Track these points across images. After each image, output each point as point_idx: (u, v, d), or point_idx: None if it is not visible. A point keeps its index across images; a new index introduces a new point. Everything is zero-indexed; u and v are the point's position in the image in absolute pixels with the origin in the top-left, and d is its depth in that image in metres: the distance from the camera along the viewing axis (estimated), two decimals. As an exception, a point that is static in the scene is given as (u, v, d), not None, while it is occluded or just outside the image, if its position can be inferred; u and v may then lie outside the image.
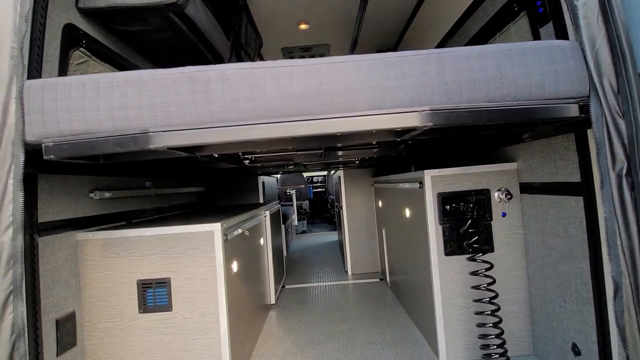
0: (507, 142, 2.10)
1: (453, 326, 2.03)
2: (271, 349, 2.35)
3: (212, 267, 1.80)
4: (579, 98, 1.20)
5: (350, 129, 1.10)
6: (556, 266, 1.77)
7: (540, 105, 1.17)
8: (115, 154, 1.44)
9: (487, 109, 1.13)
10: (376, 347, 2.27)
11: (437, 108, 1.11)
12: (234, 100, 1.17)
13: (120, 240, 1.81)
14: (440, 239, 2.03)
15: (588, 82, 1.18)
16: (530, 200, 1.95)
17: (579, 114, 1.20)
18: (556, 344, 1.81)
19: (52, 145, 1.14)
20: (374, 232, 4.08)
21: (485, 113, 1.13)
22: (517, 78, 1.18)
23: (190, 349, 1.79)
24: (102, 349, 1.80)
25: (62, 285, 1.68)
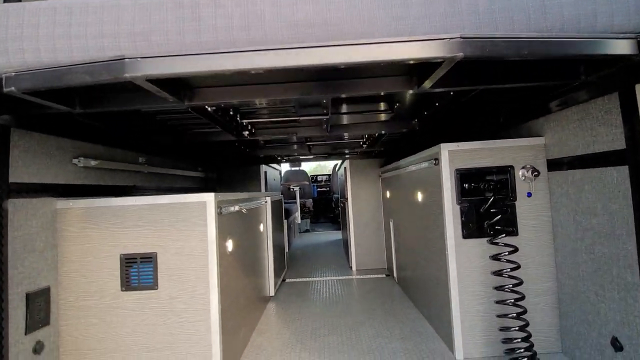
0: (534, 114, 1.90)
1: (471, 318, 1.81)
2: (268, 341, 2.15)
3: (204, 241, 1.62)
4: (637, 33, 1.00)
5: (364, 58, 0.92)
6: (592, 249, 1.55)
7: (590, 39, 0.98)
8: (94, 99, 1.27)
9: (529, 39, 0.94)
10: (384, 340, 2.06)
11: (470, 35, 0.92)
12: (227, 30, 1.00)
13: (103, 210, 1.64)
14: (458, 220, 1.83)
15: (649, 13, 0.99)
16: (560, 178, 1.75)
17: (638, 52, 1.01)
18: (591, 339, 1.59)
19: (13, 75, 0.98)
20: (381, 227, 3.87)
21: (527, 44, 0.94)
22: (564, 7, 0.99)
23: (177, 333, 1.60)
24: (79, 329, 1.61)
25: (35, 256, 1.50)
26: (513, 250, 1.65)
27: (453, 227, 1.83)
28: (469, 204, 1.83)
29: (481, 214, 1.78)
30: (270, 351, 2.01)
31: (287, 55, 0.92)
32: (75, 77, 0.94)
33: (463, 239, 1.83)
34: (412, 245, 2.63)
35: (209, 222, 1.62)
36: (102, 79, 0.94)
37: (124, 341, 1.61)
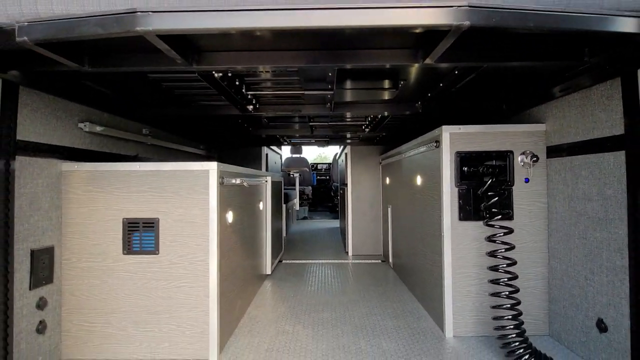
0: (537, 101, 1.91)
1: (462, 298, 1.86)
2: (264, 314, 2.20)
3: (205, 210, 1.65)
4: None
5: (373, 22, 0.93)
6: (585, 234, 1.59)
7: (597, 15, 1.00)
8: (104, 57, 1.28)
9: (536, 11, 0.96)
10: (376, 318, 2.11)
11: (477, 4, 0.93)
12: (238, -10, 1.01)
13: (108, 174, 1.67)
14: (455, 203, 1.86)
15: (656, -8, 1.00)
16: (558, 165, 1.77)
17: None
18: (577, 322, 1.63)
19: (25, 25, 0.99)
20: (379, 214, 3.91)
21: (534, 16, 0.95)
22: (572, -17, 1.01)
23: (176, 297, 1.65)
24: (81, 289, 1.66)
25: (40, 214, 1.54)
26: (508, 231, 1.69)
27: (450, 209, 1.86)
28: (467, 187, 1.86)
29: (478, 197, 1.81)
30: (265, 322, 2.06)
31: (296, 16, 0.93)
32: (87, 28, 0.95)
33: (459, 221, 1.86)
34: (409, 229, 2.66)
35: (211, 191, 1.65)
36: (113, 32, 0.96)
37: (124, 302, 1.65)
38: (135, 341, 1.65)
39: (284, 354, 1.68)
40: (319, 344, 1.78)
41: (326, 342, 1.80)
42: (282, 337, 1.86)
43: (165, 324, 1.65)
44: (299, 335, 1.87)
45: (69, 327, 1.65)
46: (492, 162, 1.87)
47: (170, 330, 1.65)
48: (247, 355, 1.66)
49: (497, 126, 1.88)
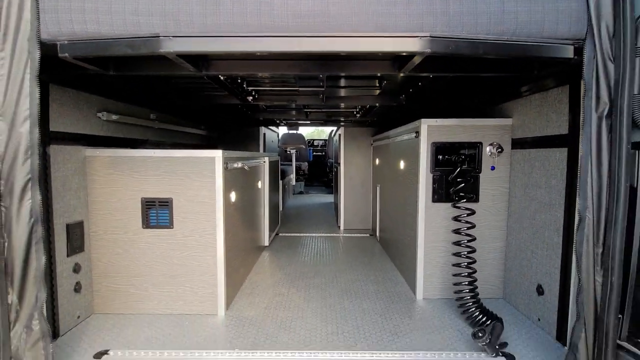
0: (506, 98, 2.14)
1: (432, 267, 2.19)
2: (263, 279, 2.54)
3: (212, 191, 1.91)
4: (575, 40, 1.24)
5: (353, 48, 1.15)
6: (534, 216, 1.89)
7: (536, 43, 1.22)
8: (126, 64, 1.49)
9: (485, 41, 1.18)
10: (359, 283, 2.46)
11: (437, 35, 1.15)
12: (241, 15, 1.21)
13: (127, 160, 1.91)
14: (430, 187, 2.14)
15: (586, 24, 1.21)
16: (520, 156, 2.04)
17: (572, 56, 1.25)
18: (523, 287, 1.97)
19: (67, 43, 1.19)
20: (369, 192, 4.20)
21: (483, 45, 1.18)
22: (519, 15, 1.21)
23: (189, 264, 1.95)
24: (107, 257, 1.95)
25: (71, 194, 1.79)
26: (471, 212, 1.98)
27: (425, 192, 2.14)
28: (440, 174, 2.13)
29: (449, 182, 2.09)
30: (264, 286, 2.40)
31: (291, 42, 1.15)
32: (119, 48, 1.16)
33: (432, 203, 2.15)
34: (392, 207, 2.96)
35: (217, 175, 1.90)
36: (140, 52, 1.16)
37: (145, 268, 1.96)
38: (154, 299, 1.97)
39: (279, 310, 2.01)
40: (310, 303, 2.12)
41: (316, 302, 2.14)
42: (278, 297, 2.20)
43: (180, 286, 1.96)
44: (292, 297, 2.21)
45: (99, 287, 1.96)
46: (463, 151, 2.13)
47: (184, 291, 1.97)
48: (248, 312, 2.00)
49: (469, 120, 2.12)
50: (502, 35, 1.21)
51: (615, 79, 1.18)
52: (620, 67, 1.17)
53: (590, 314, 1.26)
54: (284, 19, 1.21)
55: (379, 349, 1.61)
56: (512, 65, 1.50)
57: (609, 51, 1.19)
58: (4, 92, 1.20)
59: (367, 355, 1.56)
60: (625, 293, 1.22)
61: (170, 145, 3.09)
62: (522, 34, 1.22)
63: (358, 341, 1.68)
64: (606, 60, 1.19)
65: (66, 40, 1.19)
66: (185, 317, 1.92)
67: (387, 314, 1.98)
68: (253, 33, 1.18)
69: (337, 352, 1.58)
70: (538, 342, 1.68)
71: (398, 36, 1.14)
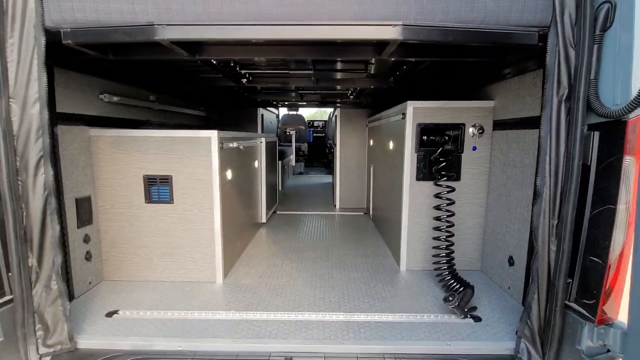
0: (490, 81, 2.22)
1: (415, 241, 2.35)
2: (259, 253, 2.72)
3: (209, 169, 2.05)
4: (540, 27, 1.32)
5: (331, 36, 1.25)
6: (509, 193, 2.02)
7: (503, 31, 1.31)
8: (124, 49, 1.59)
9: (454, 28, 1.27)
10: (350, 256, 2.63)
11: (410, 23, 1.24)
12: (230, 3, 1.30)
13: (129, 139, 2.04)
14: (414, 166, 2.26)
15: (551, 12, 1.29)
16: (499, 136, 2.14)
17: (537, 42, 1.34)
18: (497, 259, 2.13)
19: (69, 31, 1.30)
20: (364, 172, 4.33)
21: (452, 32, 1.27)
22: (488, 3, 1.29)
23: (189, 236, 2.12)
24: (114, 229, 2.12)
25: (79, 171, 1.94)
26: (451, 190, 2.11)
27: (410, 171, 2.27)
28: (424, 153, 2.24)
29: (432, 161, 2.21)
30: (259, 258, 2.58)
31: (274, 30, 1.25)
32: (118, 36, 1.27)
33: (416, 181, 2.27)
34: (383, 186, 3.10)
35: (213, 154, 2.03)
36: (136, 39, 1.27)
37: (148, 239, 2.13)
38: (158, 268, 2.16)
39: (273, 279, 2.20)
40: (301, 273, 2.30)
41: (307, 272, 2.32)
42: (273, 268, 2.38)
43: (181, 256, 2.14)
44: (286, 267, 2.39)
45: (107, 256, 2.15)
46: (448, 132, 2.23)
47: (185, 260, 2.15)
48: (244, 280, 2.19)
49: (453, 102, 2.21)
50: (472, 23, 1.30)
51: (575, 65, 1.28)
52: (580, 53, 1.26)
53: (544, 279, 1.41)
54: (270, 7, 1.30)
55: (360, 311, 1.79)
56: (487, 50, 1.59)
57: (571, 38, 1.28)
58: (15, 76, 1.32)
59: (348, 316, 1.74)
60: (575, 260, 1.36)
61: (171, 126, 3.20)
62: (490, 22, 1.31)
63: (342, 305, 1.86)
64: (568, 47, 1.28)
65: (69, 27, 1.30)
66: (187, 284, 2.11)
67: (372, 283, 2.15)
68: (241, 21, 1.27)
69: (322, 313, 1.76)
70: (505, 307, 1.86)
71: (373, 24, 1.23)
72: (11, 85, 1.32)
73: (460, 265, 2.25)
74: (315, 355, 1.48)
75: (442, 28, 1.26)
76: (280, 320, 1.70)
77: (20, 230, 1.38)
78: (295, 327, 1.64)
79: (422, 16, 1.29)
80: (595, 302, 1.29)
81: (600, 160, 1.28)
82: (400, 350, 1.50)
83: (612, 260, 1.27)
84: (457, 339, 1.56)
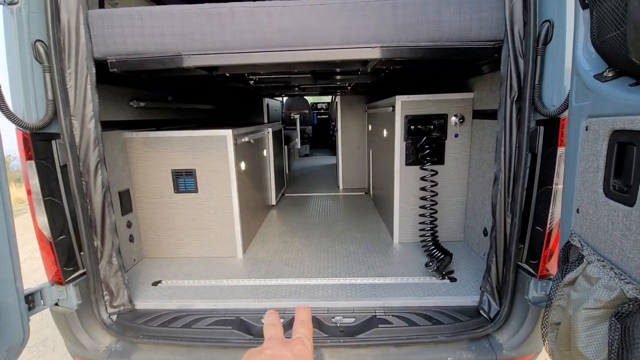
0: (471, 74, 2.49)
1: (405, 218, 2.71)
2: (271, 231, 3.12)
3: (226, 162, 2.41)
4: (495, 41, 1.60)
5: (323, 58, 1.54)
6: (484, 175, 2.34)
7: (465, 46, 1.59)
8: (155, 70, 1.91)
9: (424, 47, 1.55)
10: (350, 232, 3.02)
11: (387, 46, 1.53)
12: (240, 33, 1.60)
13: (157, 140, 2.40)
14: (403, 153, 2.58)
15: (504, 29, 1.56)
16: (478, 125, 2.43)
17: (493, 54, 1.62)
18: (476, 231, 2.49)
19: (115, 61, 1.63)
20: (364, 154, 4.64)
21: (422, 50, 1.55)
22: (452, 23, 1.57)
23: (213, 219, 2.51)
24: (149, 216, 2.53)
25: (119, 169, 2.32)
26: (434, 173, 2.44)
27: (400, 157, 2.59)
28: (412, 141, 2.56)
29: (418, 148, 2.53)
30: (272, 236, 2.98)
31: (276, 55, 1.56)
32: (152, 64, 1.59)
33: (405, 166, 2.60)
34: (380, 169, 3.43)
35: (229, 149, 2.38)
36: (168, 66, 1.59)
37: (178, 223, 2.53)
38: (187, 246, 2.57)
39: (284, 253, 2.60)
40: (308, 247, 2.69)
41: (313, 246, 2.71)
42: (284, 244, 2.78)
43: (206, 236, 2.55)
44: (295, 243, 2.79)
45: (146, 238, 2.56)
46: (433, 121, 2.53)
47: (210, 239, 2.55)
48: (261, 254, 2.59)
49: (437, 95, 2.49)
50: (439, 41, 1.58)
51: (524, 72, 1.56)
52: (527, 63, 1.54)
53: (501, 245, 1.76)
54: (272, 34, 1.60)
55: (357, 276, 2.18)
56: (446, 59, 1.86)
57: (520, 50, 1.55)
58: (74, 99, 1.67)
59: (347, 280, 2.13)
60: (525, 230, 1.70)
61: (184, 121, 3.55)
62: (454, 39, 1.59)
63: (342, 272, 2.25)
64: (517, 57, 1.56)
65: (114, 58, 1.63)
66: (213, 259, 2.53)
67: (368, 254, 2.54)
68: (251, 49, 1.58)
69: (326, 279, 2.16)
70: (478, 270, 2.22)
71: (356, 47, 1.53)
72: (72, 106, 1.67)
73: (446, 237, 2.62)
74: (321, 310, 1.89)
75: (414, 47, 1.55)
76: (291, 284, 2.11)
77: (87, 219, 1.78)
78: (304, 290, 2.05)
79: (398, 37, 1.58)
80: (538, 262, 1.64)
81: (544, 150, 1.59)
82: (387, 304, 1.90)
83: (551, 229, 1.61)
84: (434, 295, 1.95)
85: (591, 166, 1.05)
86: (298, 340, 0.52)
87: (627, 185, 0.92)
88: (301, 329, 0.55)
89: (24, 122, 1.53)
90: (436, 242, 2.39)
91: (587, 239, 1.08)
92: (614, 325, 0.88)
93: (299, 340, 0.52)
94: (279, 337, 0.52)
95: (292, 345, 0.50)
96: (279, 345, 0.49)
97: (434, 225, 2.43)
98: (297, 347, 0.50)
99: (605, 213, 0.98)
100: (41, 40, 1.55)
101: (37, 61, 1.56)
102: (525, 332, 1.70)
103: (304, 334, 0.53)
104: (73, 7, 1.57)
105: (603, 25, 1.02)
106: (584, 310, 0.97)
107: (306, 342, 0.51)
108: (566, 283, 1.12)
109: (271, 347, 0.49)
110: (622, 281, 0.89)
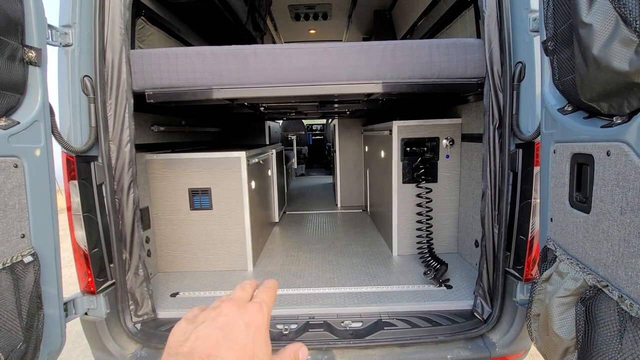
0: (459, 102, 2.80)
1: (403, 232, 2.93)
2: (277, 246, 3.30)
3: (239, 182, 2.62)
4: (478, 78, 1.90)
5: (333, 91, 1.81)
6: (473, 191, 2.60)
7: (453, 82, 1.88)
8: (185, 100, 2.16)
9: (418, 83, 1.84)
10: (351, 246, 3.22)
11: (387, 82, 1.81)
12: (262, 70, 1.87)
13: (176, 161, 2.61)
14: (400, 172, 2.84)
15: (485, 68, 1.86)
16: (466, 147, 2.72)
17: (477, 89, 1.91)
18: (467, 243, 2.72)
19: (152, 93, 1.86)
20: (361, 174, 4.91)
21: (417, 85, 1.84)
22: (441, 63, 1.87)
23: (226, 235, 2.69)
24: (166, 232, 2.69)
25: (140, 187, 2.50)
26: (429, 190, 2.69)
27: (397, 176, 2.85)
28: (408, 161, 2.82)
29: (413, 168, 2.79)
30: (278, 251, 3.16)
31: (294, 89, 1.82)
32: (186, 96, 1.83)
33: (402, 184, 2.86)
34: (377, 187, 3.68)
35: (242, 169, 2.60)
36: (198, 98, 1.84)
37: (193, 239, 2.70)
38: (201, 260, 2.73)
39: (291, 265, 2.78)
40: (313, 260, 2.88)
41: (317, 259, 2.90)
42: (290, 257, 2.96)
43: (219, 251, 2.72)
44: (300, 257, 2.97)
45: (162, 253, 2.72)
46: (426, 144, 2.81)
47: (223, 254, 2.72)
48: (269, 267, 2.76)
49: (430, 120, 2.78)
50: (431, 78, 1.88)
51: (503, 104, 1.85)
52: (505, 96, 1.84)
53: (490, 253, 1.99)
54: (289, 72, 1.87)
55: (362, 285, 2.37)
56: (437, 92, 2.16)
57: (499, 85, 1.85)
58: (113, 126, 1.89)
59: (353, 288, 2.32)
60: (511, 239, 1.94)
61: (195, 143, 3.77)
62: (444, 76, 1.89)
63: (348, 281, 2.44)
64: (497, 92, 1.86)
65: (151, 91, 1.87)
66: (225, 272, 2.69)
67: (370, 265, 2.74)
68: (270, 83, 1.85)
69: (333, 288, 2.35)
70: (471, 278, 2.44)
71: (361, 83, 1.81)
72: (110, 132, 1.88)
73: (441, 249, 2.85)
74: (331, 315, 2.06)
75: (410, 83, 1.83)
76: (302, 293, 2.28)
77: (118, 233, 1.95)
78: (314, 298, 2.22)
79: (396, 74, 1.86)
80: (523, 267, 1.87)
81: (523, 169, 1.86)
82: (391, 309, 2.08)
83: (532, 237, 1.85)
84: (432, 300, 2.15)
85: (559, 182, 1.31)
86: (255, 304, 0.46)
87: (585, 197, 1.18)
88: (263, 294, 0.50)
89: (71, 146, 1.74)
90: (432, 253, 2.61)
91: (559, 242, 1.32)
92: (579, 308, 1.11)
93: (256, 305, 0.46)
94: (239, 301, 0.47)
95: (248, 311, 0.45)
96: (236, 312, 0.44)
97: (430, 238, 2.66)
98: (252, 313, 0.44)
99: (571, 220, 1.23)
100: (88, 75, 1.78)
101: (84, 93, 1.79)
102: (515, 331, 1.90)
103: (264, 300, 0.48)
104: (117, 47, 1.82)
105: (562, 70, 1.31)
106: (557, 299, 1.20)
107: (264, 308, 0.46)
108: (544, 279, 1.35)
109: (227, 315, 0.44)
110: (584, 273, 1.13)
